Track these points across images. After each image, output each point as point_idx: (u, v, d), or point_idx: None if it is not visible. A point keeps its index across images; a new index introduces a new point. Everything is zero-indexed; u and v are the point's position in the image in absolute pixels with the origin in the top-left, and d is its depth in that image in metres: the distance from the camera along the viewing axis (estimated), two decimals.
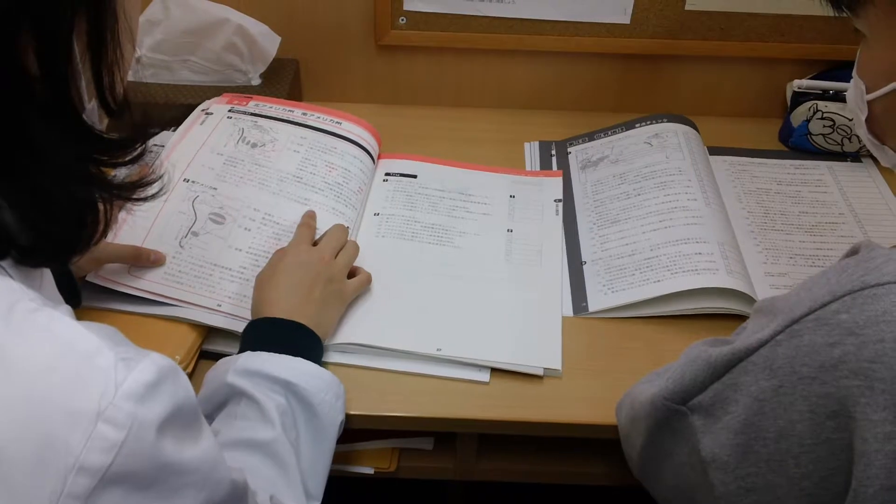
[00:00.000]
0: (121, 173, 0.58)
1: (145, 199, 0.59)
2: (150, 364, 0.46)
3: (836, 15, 0.68)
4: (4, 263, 0.50)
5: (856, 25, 0.67)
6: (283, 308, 0.80)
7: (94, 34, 0.50)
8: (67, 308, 0.50)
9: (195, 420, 0.51)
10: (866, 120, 0.70)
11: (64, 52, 0.48)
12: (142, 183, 0.59)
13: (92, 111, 0.54)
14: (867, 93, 0.68)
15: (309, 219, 0.94)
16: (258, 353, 0.75)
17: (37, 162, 0.49)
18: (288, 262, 0.84)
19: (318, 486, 0.74)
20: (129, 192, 0.58)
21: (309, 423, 0.74)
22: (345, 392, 0.78)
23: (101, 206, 0.55)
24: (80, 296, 0.80)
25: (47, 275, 0.58)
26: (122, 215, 0.91)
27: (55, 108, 0.49)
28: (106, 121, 0.57)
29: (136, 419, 0.44)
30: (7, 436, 0.42)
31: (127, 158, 0.56)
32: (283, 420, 0.71)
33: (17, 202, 0.49)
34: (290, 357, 0.75)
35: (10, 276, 0.50)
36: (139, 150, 0.57)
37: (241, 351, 0.77)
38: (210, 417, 0.74)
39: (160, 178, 0.61)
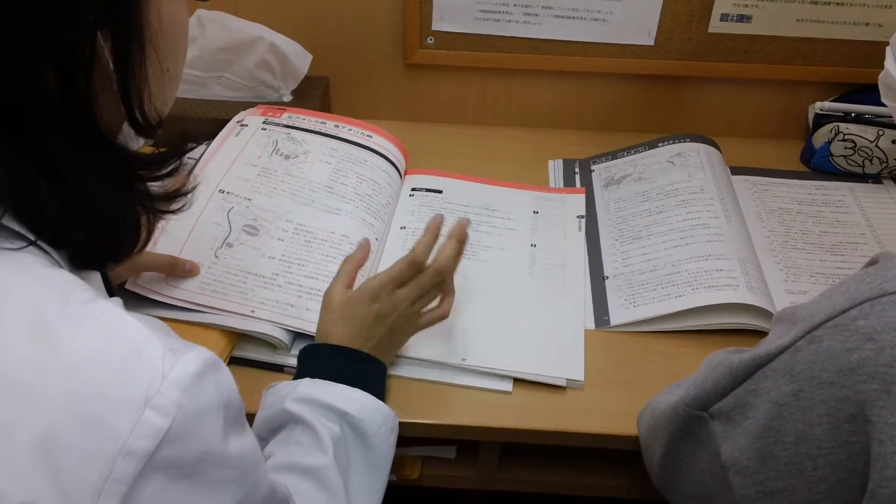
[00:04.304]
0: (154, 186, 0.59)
1: (173, 212, 0.60)
2: (196, 356, 0.47)
3: None
4: (59, 257, 0.52)
5: None
6: (348, 340, 0.80)
7: (118, 52, 0.50)
8: (118, 300, 0.51)
9: (238, 416, 0.52)
10: None
11: (85, 70, 0.48)
12: (170, 195, 0.59)
13: (128, 129, 0.55)
14: None
15: (416, 262, 0.83)
16: (317, 381, 0.75)
17: (59, 181, 0.49)
18: (368, 309, 0.81)
19: None
20: (159, 203, 0.59)
21: (361, 455, 0.74)
22: (398, 425, 0.78)
23: (142, 217, 0.57)
24: (111, 286, 0.82)
25: (95, 273, 0.60)
26: (159, 226, 0.94)
27: (77, 128, 0.50)
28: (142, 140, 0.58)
29: (182, 407, 0.45)
30: (58, 422, 0.44)
31: (160, 174, 0.57)
32: (337, 450, 0.71)
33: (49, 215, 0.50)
34: (349, 387, 0.75)
35: (65, 269, 0.52)
36: (173, 165, 0.58)
37: (300, 374, 0.78)
38: (265, 441, 0.75)
39: (191, 191, 0.61)
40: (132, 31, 0.51)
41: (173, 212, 0.60)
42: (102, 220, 0.53)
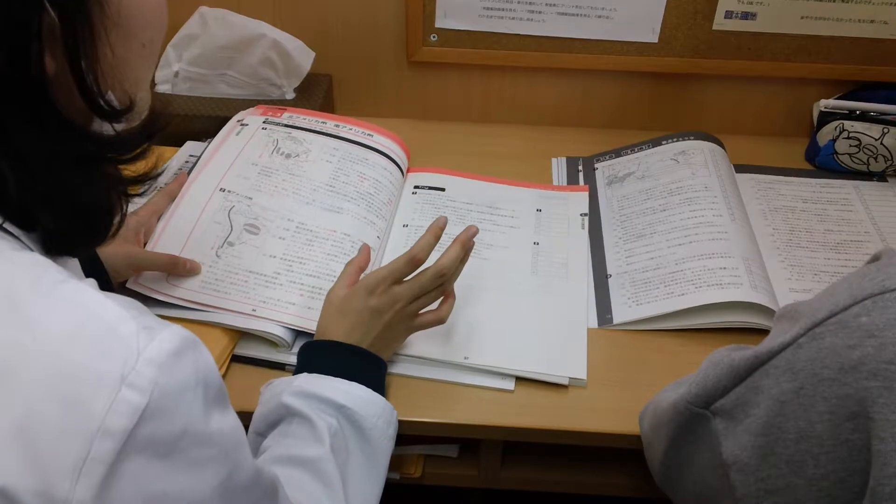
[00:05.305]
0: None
1: (139, 194, 0.59)
2: (171, 334, 0.47)
3: None
4: (29, 241, 0.52)
5: None
6: (346, 336, 0.80)
7: (69, 30, 0.48)
8: (92, 281, 0.51)
9: (219, 395, 0.51)
10: None
11: (36, 49, 0.47)
12: (138, 178, 0.58)
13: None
14: None
15: (414, 259, 0.83)
16: (315, 375, 0.76)
17: (22, 163, 0.49)
18: (364, 303, 0.81)
19: None
20: (128, 187, 0.58)
21: (360, 448, 0.74)
22: (397, 419, 0.78)
23: (114, 201, 0.56)
24: (111, 285, 0.82)
25: (73, 260, 0.59)
26: (160, 225, 0.94)
27: (36, 110, 0.49)
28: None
29: (158, 385, 0.45)
30: (34, 403, 0.43)
31: (128, 156, 0.56)
32: (334, 442, 0.71)
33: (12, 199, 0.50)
34: (346, 381, 0.75)
35: (35, 252, 0.51)
36: (142, 148, 0.57)
37: (299, 371, 0.78)
38: (263, 435, 0.75)
39: (159, 174, 0.60)
40: (83, 8, 0.49)
41: (140, 194, 0.59)
42: (70, 203, 0.53)
